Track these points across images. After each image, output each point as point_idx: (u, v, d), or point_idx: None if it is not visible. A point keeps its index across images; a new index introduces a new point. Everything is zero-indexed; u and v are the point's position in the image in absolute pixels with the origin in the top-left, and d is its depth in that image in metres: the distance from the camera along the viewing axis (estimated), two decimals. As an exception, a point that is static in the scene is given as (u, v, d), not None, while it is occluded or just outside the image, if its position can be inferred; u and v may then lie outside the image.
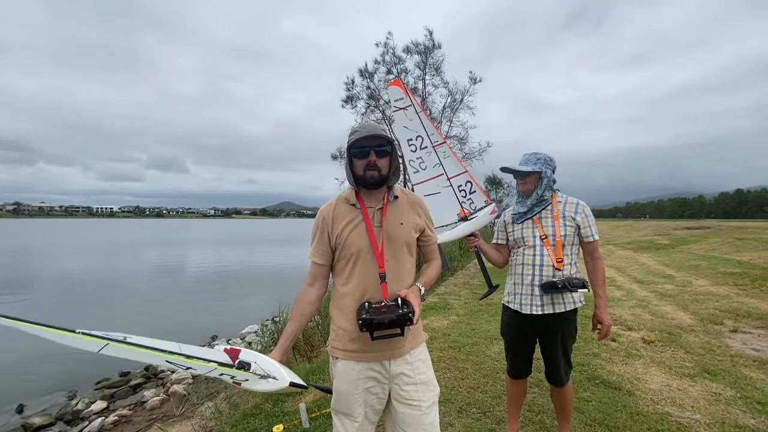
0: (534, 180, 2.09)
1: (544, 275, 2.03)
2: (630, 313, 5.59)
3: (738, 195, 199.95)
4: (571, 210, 2.07)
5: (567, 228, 2.04)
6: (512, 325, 2.21)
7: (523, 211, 2.14)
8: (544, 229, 2.07)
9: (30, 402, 5.77)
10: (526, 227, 2.13)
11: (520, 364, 2.27)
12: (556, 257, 2.02)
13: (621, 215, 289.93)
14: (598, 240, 2.09)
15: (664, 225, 35.31)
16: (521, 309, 2.10)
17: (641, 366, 3.62)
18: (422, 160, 2.76)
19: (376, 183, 1.48)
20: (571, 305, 2.05)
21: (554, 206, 2.09)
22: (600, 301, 2.09)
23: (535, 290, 2.05)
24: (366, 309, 1.37)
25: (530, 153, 2.12)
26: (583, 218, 2.05)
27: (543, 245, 2.05)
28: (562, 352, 2.10)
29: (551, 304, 2.03)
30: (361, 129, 1.47)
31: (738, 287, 7.16)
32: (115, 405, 5.62)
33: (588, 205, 2.10)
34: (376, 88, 13.98)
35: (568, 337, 2.10)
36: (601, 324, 2.09)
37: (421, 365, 1.52)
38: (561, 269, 2.01)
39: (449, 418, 2.76)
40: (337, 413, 1.52)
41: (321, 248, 1.54)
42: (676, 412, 2.77)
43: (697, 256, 11.92)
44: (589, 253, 2.12)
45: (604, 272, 2.11)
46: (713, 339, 4.37)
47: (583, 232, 2.06)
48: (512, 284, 2.19)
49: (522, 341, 2.21)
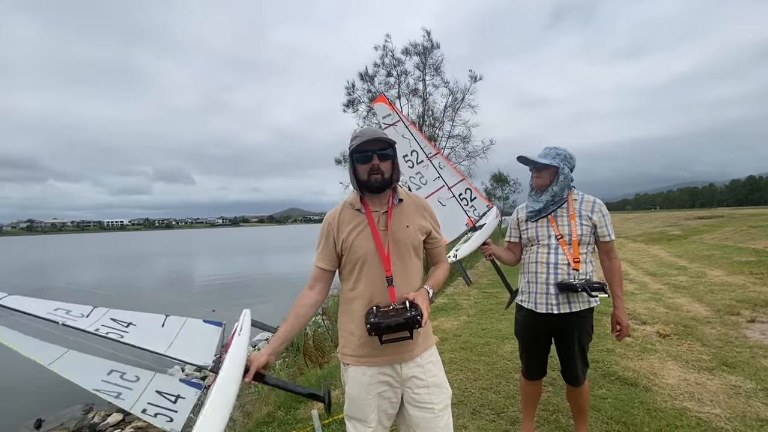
0: (550, 174, 2.01)
1: (559, 274, 1.99)
2: (644, 306, 5.50)
3: (750, 182, 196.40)
4: (588, 209, 2.01)
5: (584, 227, 1.99)
6: (527, 324, 2.17)
7: (537, 208, 2.07)
8: (560, 229, 2.01)
9: (48, 416, 5.85)
10: (541, 226, 2.07)
11: (536, 365, 2.23)
12: (573, 257, 1.97)
13: (630, 207, 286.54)
14: (614, 240, 2.03)
15: (674, 215, 34.81)
16: (536, 308, 2.06)
17: (657, 361, 3.56)
18: (421, 175, 2.73)
19: (380, 186, 1.48)
20: (587, 304, 2.01)
21: (570, 204, 2.03)
22: (618, 302, 2.04)
23: (551, 289, 2.00)
24: (374, 313, 1.37)
25: (551, 147, 2.05)
26: (600, 217, 2.00)
27: (559, 244, 2.00)
28: (579, 351, 2.06)
29: (567, 303, 1.99)
30: (362, 134, 1.47)
31: (754, 276, 7.01)
32: (131, 417, 5.67)
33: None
34: (376, 91, 14.02)
35: (584, 336, 2.05)
36: (620, 325, 2.05)
37: (432, 367, 1.52)
38: (578, 269, 1.96)
39: (463, 420, 2.74)
40: (350, 419, 1.51)
41: (326, 253, 1.54)
42: (695, 407, 2.71)
43: (710, 246, 11.71)
44: (605, 253, 2.07)
45: (620, 272, 2.06)
46: (730, 330, 4.28)
47: (599, 231, 2.01)
48: (525, 283, 2.14)
49: (537, 341, 2.17)
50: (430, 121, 14.43)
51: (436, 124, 14.49)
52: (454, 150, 14.78)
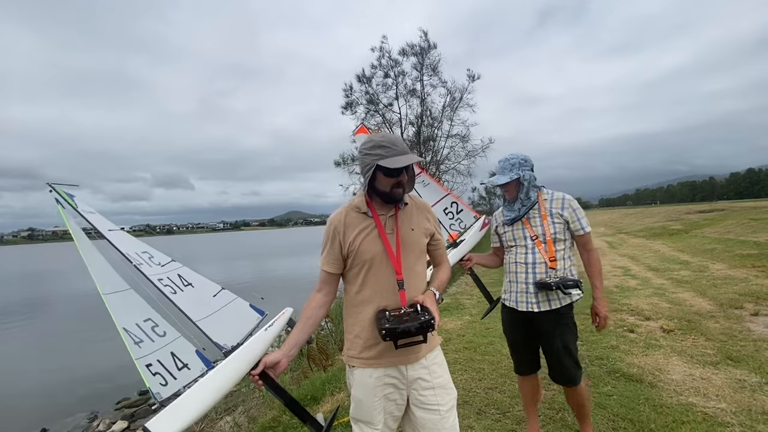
0: (515, 186, 2.11)
1: (538, 273, 2.06)
2: (647, 302, 5.50)
3: (750, 174, 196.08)
4: (558, 206, 2.08)
5: (556, 225, 2.05)
6: (510, 322, 2.25)
7: (512, 216, 2.16)
8: (534, 229, 2.09)
9: (53, 426, 5.85)
10: (517, 228, 2.15)
11: (524, 361, 2.28)
12: (548, 256, 2.04)
13: (631, 203, 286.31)
14: (590, 231, 2.09)
15: (675, 210, 34.75)
16: (517, 306, 2.14)
17: (662, 356, 3.56)
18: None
19: (400, 199, 1.50)
20: (567, 300, 2.06)
21: (541, 205, 2.10)
22: (597, 293, 2.11)
23: (530, 288, 2.08)
24: (387, 318, 1.36)
25: (504, 159, 2.14)
26: (571, 212, 2.06)
27: (534, 245, 2.07)
28: (564, 349, 2.08)
29: (547, 301, 2.05)
30: (392, 145, 1.43)
31: (756, 269, 7.00)
32: (135, 424, 5.67)
33: (595, 194, 2.11)
34: (374, 92, 14.03)
35: (567, 333, 2.08)
36: (598, 316, 2.11)
37: (437, 368, 1.52)
38: (555, 267, 2.02)
39: (469, 420, 2.73)
40: (357, 422, 1.51)
41: (332, 257, 1.53)
42: (700, 402, 2.71)
43: (711, 240, 11.71)
44: (582, 246, 2.13)
45: (599, 263, 2.12)
46: (734, 324, 4.27)
47: (572, 226, 2.07)
48: (508, 282, 2.22)
49: (521, 338, 2.23)
50: (429, 121, 14.45)
51: (435, 124, 14.51)
52: (453, 149, 14.80)
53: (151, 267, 1.75)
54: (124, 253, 1.71)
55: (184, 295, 1.74)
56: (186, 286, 1.81)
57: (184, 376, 1.66)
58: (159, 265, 1.83)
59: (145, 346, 1.65)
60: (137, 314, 1.74)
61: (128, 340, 1.61)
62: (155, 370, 1.60)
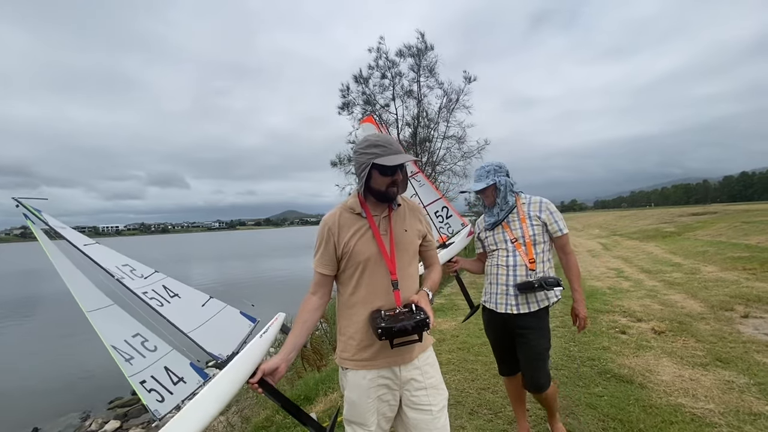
0: (491, 191, 2.16)
1: (518, 275, 2.09)
2: (639, 304, 5.55)
3: (743, 177, 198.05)
4: (536, 209, 2.12)
5: (534, 227, 2.09)
6: (490, 323, 2.28)
7: (492, 221, 2.20)
8: (514, 232, 2.13)
9: (45, 425, 5.81)
10: (497, 233, 2.19)
11: (505, 362, 2.32)
12: (528, 258, 2.07)
13: (626, 205, 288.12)
14: (568, 234, 2.13)
15: (669, 212, 35.02)
16: (497, 308, 2.17)
17: (652, 357, 3.60)
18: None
19: (394, 198, 1.52)
20: (545, 302, 2.09)
21: (519, 209, 2.15)
22: (576, 295, 2.15)
23: (510, 290, 2.10)
24: (382, 317, 1.37)
25: (480, 167, 2.21)
26: (548, 215, 2.10)
27: (514, 247, 2.11)
28: (538, 354, 2.08)
29: (526, 303, 2.08)
30: (388, 146, 1.45)
31: (747, 272, 7.09)
32: (128, 424, 5.65)
33: (590, 196, 2.15)
34: (371, 93, 14.04)
35: (541, 338, 2.09)
36: (578, 317, 2.15)
37: (429, 369, 1.53)
38: (534, 269, 2.06)
39: (461, 420, 2.75)
40: (350, 423, 1.52)
41: (326, 258, 1.53)
42: (689, 403, 2.74)
43: (704, 243, 11.82)
44: (560, 248, 2.17)
45: (577, 266, 2.17)
46: (724, 326, 4.33)
47: (550, 228, 2.11)
48: (488, 284, 2.25)
49: (501, 339, 2.27)
50: (425, 122, 14.47)
51: (431, 125, 14.53)
52: (449, 151, 14.83)
53: (133, 280, 1.71)
54: (105, 268, 1.66)
55: (171, 307, 1.70)
56: (173, 297, 1.77)
57: (180, 390, 1.62)
58: (142, 277, 1.78)
59: (137, 363, 1.61)
60: (125, 330, 1.69)
61: (118, 357, 1.58)
62: (150, 387, 1.57)
